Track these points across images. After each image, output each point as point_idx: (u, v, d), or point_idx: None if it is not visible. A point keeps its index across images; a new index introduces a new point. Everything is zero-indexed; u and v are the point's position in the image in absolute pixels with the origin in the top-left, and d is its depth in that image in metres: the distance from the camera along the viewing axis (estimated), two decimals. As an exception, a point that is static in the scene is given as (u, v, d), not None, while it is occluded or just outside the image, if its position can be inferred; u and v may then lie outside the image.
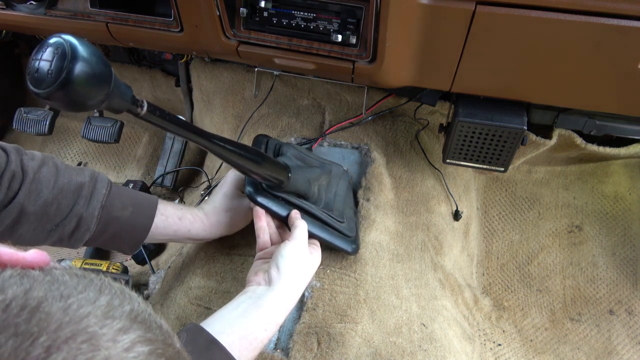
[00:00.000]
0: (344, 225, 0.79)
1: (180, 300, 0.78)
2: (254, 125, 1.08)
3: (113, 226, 0.68)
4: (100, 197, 0.66)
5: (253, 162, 0.64)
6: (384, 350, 0.73)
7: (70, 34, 0.40)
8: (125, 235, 0.70)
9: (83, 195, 0.65)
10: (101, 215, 0.66)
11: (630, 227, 1.16)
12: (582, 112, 0.91)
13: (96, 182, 0.67)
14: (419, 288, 0.87)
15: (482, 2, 0.64)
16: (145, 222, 0.71)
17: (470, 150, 0.85)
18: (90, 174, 0.68)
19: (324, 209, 0.78)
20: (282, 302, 0.63)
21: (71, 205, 0.64)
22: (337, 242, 0.77)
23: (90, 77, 0.40)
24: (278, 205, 0.73)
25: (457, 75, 0.74)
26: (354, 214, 0.86)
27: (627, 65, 0.65)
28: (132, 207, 0.70)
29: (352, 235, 0.80)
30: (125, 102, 0.44)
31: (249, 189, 0.72)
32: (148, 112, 0.47)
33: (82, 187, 0.65)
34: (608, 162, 1.21)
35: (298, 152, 0.82)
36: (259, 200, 0.71)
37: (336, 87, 1.09)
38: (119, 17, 0.86)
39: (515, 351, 1.02)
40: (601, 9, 0.60)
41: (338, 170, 0.86)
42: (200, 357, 0.54)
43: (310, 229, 0.73)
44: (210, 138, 0.57)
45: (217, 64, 1.18)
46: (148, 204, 0.72)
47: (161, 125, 0.50)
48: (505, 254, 1.16)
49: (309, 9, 0.73)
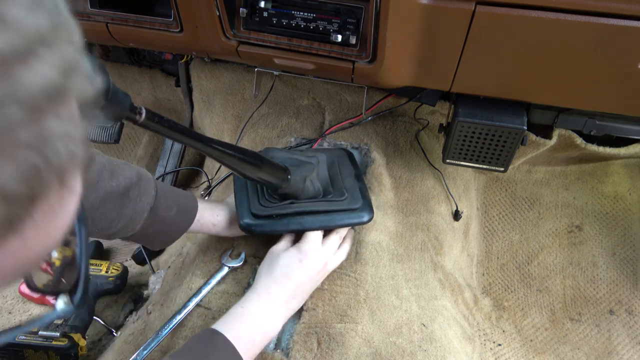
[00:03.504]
0: (346, 200, 0.77)
1: (180, 301, 0.78)
2: (254, 125, 1.07)
3: (156, 225, 0.67)
4: (150, 199, 0.64)
5: (253, 166, 0.63)
6: (384, 350, 0.73)
7: None
8: (164, 234, 0.70)
9: (131, 197, 0.62)
10: (148, 216, 0.65)
11: (630, 227, 1.16)
12: (582, 112, 0.91)
13: (145, 183, 0.65)
14: (419, 288, 0.87)
15: (482, 2, 0.64)
16: (186, 224, 0.71)
17: (470, 150, 0.85)
18: (136, 173, 0.65)
19: (323, 198, 0.77)
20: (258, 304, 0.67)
21: (118, 208, 0.61)
22: (346, 222, 0.77)
23: None
24: (276, 224, 0.74)
25: (457, 75, 0.74)
26: (357, 180, 0.83)
27: (627, 65, 0.65)
28: (176, 207, 0.69)
29: (358, 205, 0.77)
30: (124, 109, 0.44)
31: (246, 222, 0.73)
32: (146, 119, 0.46)
33: (129, 188, 0.62)
34: (608, 162, 1.21)
35: (283, 152, 0.82)
36: (258, 231, 0.73)
37: (336, 87, 1.09)
38: (118, 17, 0.86)
39: (515, 351, 1.02)
40: (602, 9, 0.60)
41: (323, 158, 0.84)
42: (202, 345, 0.58)
43: (318, 224, 0.74)
44: (210, 143, 0.56)
45: (217, 64, 1.18)
46: (191, 204, 0.72)
47: (160, 131, 0.49)
48: (505, 254, 1.16)
49: (308, 9, 0.73)
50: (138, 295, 1.02)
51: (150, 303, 0.84)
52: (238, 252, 0.82)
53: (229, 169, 0.62)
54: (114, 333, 0.94)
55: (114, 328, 0.95)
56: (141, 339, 0.77)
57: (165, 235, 0.70)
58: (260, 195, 0.77)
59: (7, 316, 1.00)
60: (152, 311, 0.81)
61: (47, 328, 0.85)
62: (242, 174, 0.64)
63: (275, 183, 0.70)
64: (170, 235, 0.71)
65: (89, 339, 0.92)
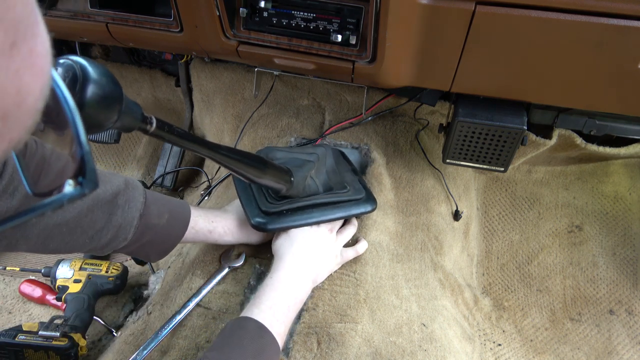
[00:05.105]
0: (350, 192, 0.80)
1: (180, 301, 0.78)
2: (254, 125, 1.07)
3: (148, 234, 0.66)
4: (138, 205, 0.63)
5: (258, 170, 0.64)
6: (384, 350, 0.73)
7: (79, 56, 0.39)
8: (158, 243, 0.69)
9: (119, 204, 0.62)
10: (139, 224, 0.64)
11: (630, 227, 1.16)
12: (582, 112, 0.91)
13: (132, 189, 0.64)
14: (419, 288, 0.87)
15: (482, 2, 0.64)
16: (180, 231, 0.70)
17: (470, 150, 0.85)
18: (124, 180, 0.65)
19: (325, 193, 0.79)
20: (285, 270, 0.70)
21: (107, 216, 0.61)
22: (353, 212, 0.79)
23: (103, 100, 0.38)
24: (287, 219, 0.75)
25: (457, 75, 0.74)
26: (354, 174, 0.86)
27: (627, 65, 0.65)
28: (168, 214, 0.68)
29: (361, 195, 0.80)
30: (136, 120, 0.44)
31: (257, 220, 0.74)
32: (157, 128, 0.46)
33: (117, 195, 0.62)
34: (608, 162, 1.21)
35: (284, 152, 0.82)
36: (270, 227, 0.74)
37: (336, 87, 1.09)
38: (118, 17, 0.86)
39: (515, 351, 1.02)
40: (601, 9, 0.60)
41: (322, 152, 0.85)
42: (253, 341, 0.59)
43: (324, 216, 0.76)
44: (217, 150, 0.57)
45: (217, 64, 1.18)
46: (182, 210, 0.71)
47: (170, 139, 0.49)
48: (505, 254, 1.16)
49: (308, 9, 0.73)
50: (138, 295, 1.02)
51: (150, 303, 0.84)
52: (238, 252, 0.82)
53: (236, 174, 0.62)
54: (114, 333, 0.94)
55: (114, 328, 0.95)
56: (141, 339, 0.77)
57: (159, 245, 0.69)
58: (266, 193, 0.77)
59: (7, 316, 1.00)
60: (152, 311, 0.81)
61: (47, 328, 0.84)
62: (249, 179, 0.64)
63: (279, 186, 0.70)
64: (164, 245, 0.70)
65: (89, 339, 0.92)
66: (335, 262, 0.77)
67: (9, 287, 1.06)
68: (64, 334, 0.84)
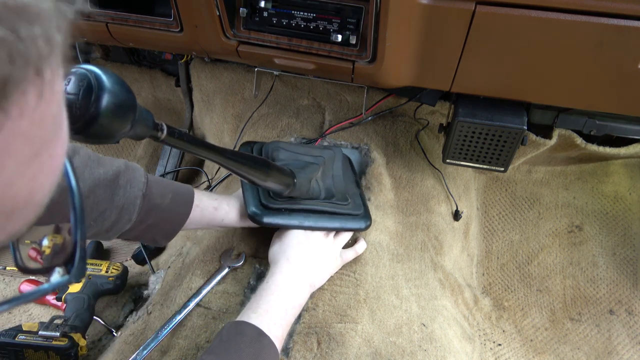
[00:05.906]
0: (349, 205, 0.80)
1: (180, 300, 0.78)
2: (254, 125, 1.07)
3: (153, 215, 0.65)
4: (140, 185, 0.63)
5: (262, 172, 0.64)
6: (384, 350, 0.73)
7: (92, 65, 0.38)
8: (164, 224, 0.68)
9: (120, 184, 0.61)
10: (142, 204, 0.63)
11: (630, 227, 1.16)
12: (582, 112, 0.91)
13: (133, 170, 0.64)
14: (419, 288, 0.87)
15: (482, 2, 0.64)
16: (185, 210, 0.69)
17: (470, 150, 0.85)
18: (124, 162, 0.64)
19: (326, 199, 0.79)
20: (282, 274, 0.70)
21: (109, 197, 0.60)
22: (348, 226, 0.79)
23: (118, 109, 0.38)
24: (284, 217, 0.75)
25: (457, 75, 0.74)
26: (357, 186, 0.86)
27: (627, 65, 0.65)
28: (171, 193, 0.67)
29: (360, 212, 0.81)
30: (148, 128, 0.43)
31: (253, 210, 0.73)
32: (168, 135, 0.46)
33: (118, 175, 0.61)
34: (608, 162, 1.21)
35: (289, 152, 0.82)
36: (266, 221, 0.73)
37: (336, 87, 1.09)
38: (118, 17, 0.85)
39: (515, 351, 1.02)
40: (601, 9, 0.60)
41: (330, 155, 0.85)
42: (251, 345, 0.59)
43: (320, 224, 0.76)
44: (224, 154, 0.57)
45: (217, 64, 1.18)
46: (186, 190, 0.70)
47: (179, 145, 0.49)
48: (505, 254, 1.16)
49: (309, 9, 0.73)
50: (138, 295, 1.02)
51: (150, 303, 0.84)
52: (238, 252, 0.82)
53: (242, 178, 0.63)
54: (114, 333, 0.94)
55: (114, 328, 0.95)
56: (141, 339, 0.77)
57: (165, 226, 0.68)
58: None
59: (7, 316, 1.00)
60: (152, 311, 0.81)
61: (47, 328, 0.84)
62: (253, 182, 0.64)
63: (282, 188, 0.71)
64: (170, 225, 0.69)
65: (89, 339, 0.92)
66: (335, 265, 0.77)
67: (9, 287, 1.06)
68: (64, 334, 0.84)
